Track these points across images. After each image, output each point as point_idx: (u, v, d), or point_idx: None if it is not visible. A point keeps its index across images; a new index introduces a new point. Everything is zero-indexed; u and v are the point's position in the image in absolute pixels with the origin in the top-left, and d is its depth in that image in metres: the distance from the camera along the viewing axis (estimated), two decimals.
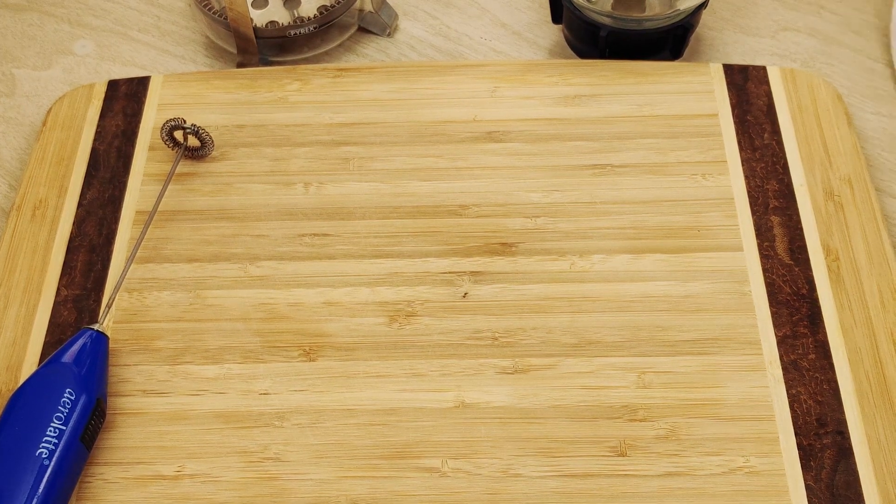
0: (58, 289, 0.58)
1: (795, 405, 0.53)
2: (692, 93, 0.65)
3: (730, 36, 0.71)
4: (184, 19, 0.73)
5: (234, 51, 0.69)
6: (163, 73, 0.69)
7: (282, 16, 0.69)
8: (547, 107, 0.65)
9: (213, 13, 0.68)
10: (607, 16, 0.65)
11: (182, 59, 0.71)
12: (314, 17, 0.68)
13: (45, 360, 0.52)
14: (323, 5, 0.69)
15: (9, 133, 0.67)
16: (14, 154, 0.66)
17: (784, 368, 0.54)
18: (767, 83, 0.65)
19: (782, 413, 0.53)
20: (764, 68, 0.66)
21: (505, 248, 0.59)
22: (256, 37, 0.67)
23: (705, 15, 0.70)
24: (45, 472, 0.48)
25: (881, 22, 0.71)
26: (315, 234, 0.54)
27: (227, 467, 0.52)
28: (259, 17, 0.69)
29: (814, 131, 0.63)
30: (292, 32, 0.68)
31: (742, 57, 0.69)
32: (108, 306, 0.55)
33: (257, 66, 0.68)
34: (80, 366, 0.52)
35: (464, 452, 0.52)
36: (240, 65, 0.69)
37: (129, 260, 0.57)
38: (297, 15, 0.69)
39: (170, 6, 0.74)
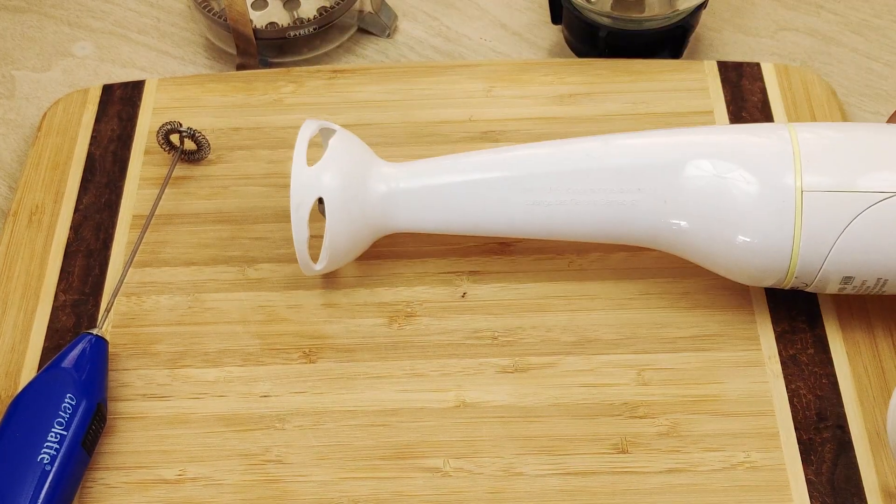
0: (56, 294, 0.58)
1: (795, 400, 0.53)
2: (687, 90, 0.65)
3: (729, 36, 0.70)
4: (183, 21, 0.73)
5: (234, 52, 0.69)
6: (162, 75, 0.69)
7: (281, 17, 0.69)
8: (542, 106, 0.65)
9: (213, 15, 0.68)
10: (607, 16, 0.65)
11: (182, 60, 0.71)
12: (314, 19, 0.68)
13: (45, 366, 0.52)
14: (323, 6, 0.69)
15: (9, 135, 0.67)
16: (14, 156, 0.66)
17: (783, 363, 0.54)
18: (762, 79, 0.65)
19: (782, 408, 0.53)
20: (758, 65, 0.65)
21: (503, 247, 0.59)
22: (256, 38, 0.67)
23: (705, 15, 0.70)
24: (47, 477, 0.48)
25: (880, 21, 0.71)
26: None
27: (228, 470, 0.52)
28: (259, 19, 0.69)
29: None
30: (292, 34, 0.68)
31: (742, 57, 0.69)
32: (107, 310, 0.55)
33: (257, 67, 0.68)
34: (80, 370, 0.51)
35: (465, 452, 0.52)
36: (239, 66, 0.69)
37: (127, 264, 0.57)
38: (296, 16, 0.69)
39: (169, 8, 0.74)
